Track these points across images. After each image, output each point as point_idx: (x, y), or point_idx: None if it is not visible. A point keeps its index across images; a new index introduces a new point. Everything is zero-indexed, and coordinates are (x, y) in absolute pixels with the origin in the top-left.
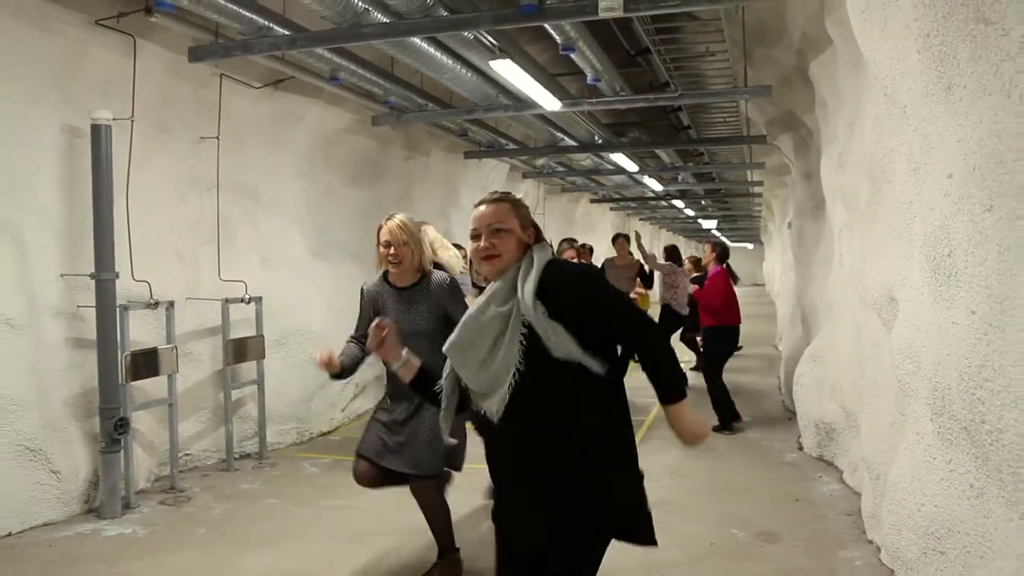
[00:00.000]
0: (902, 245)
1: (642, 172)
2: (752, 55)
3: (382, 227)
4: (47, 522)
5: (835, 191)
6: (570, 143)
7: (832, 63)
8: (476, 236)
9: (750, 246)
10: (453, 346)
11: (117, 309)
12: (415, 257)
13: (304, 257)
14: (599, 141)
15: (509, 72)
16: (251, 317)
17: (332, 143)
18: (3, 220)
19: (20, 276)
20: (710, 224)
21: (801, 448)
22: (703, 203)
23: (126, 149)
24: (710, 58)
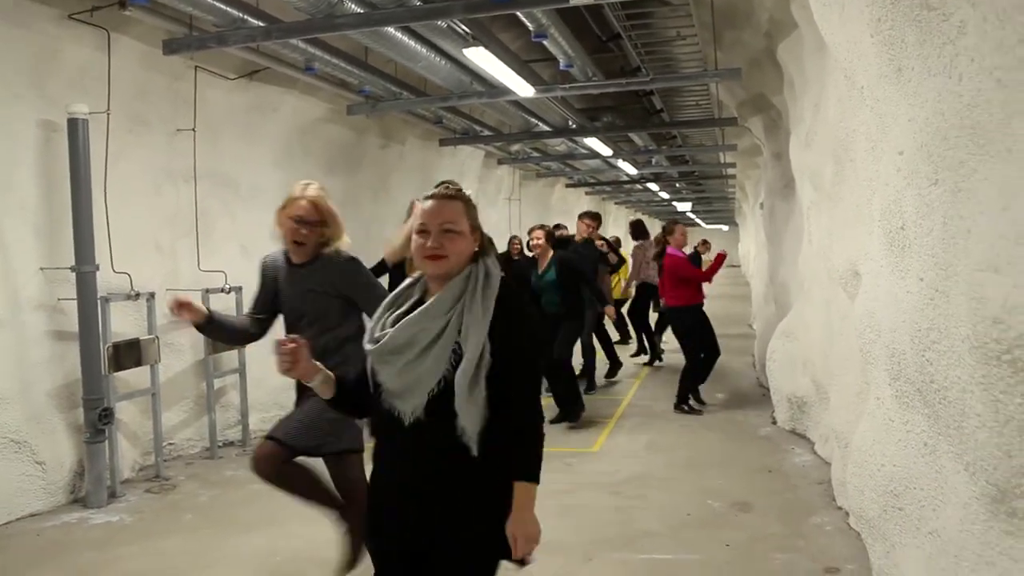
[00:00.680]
0: (864, 221)
1: (616, 156)
2: (722, 38)
3: (293, 197)
4: (34, 512)
5: (803, 170)
6: (544, 128)
7: (799, 46)
8: (423, 232)
9: (725, 228)
10: (383, 348)
11: (98, 301)
12: (328, 240)
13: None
14: (573, 126)
15: (482, 59)
16: (232, 306)
17: (308, 133)
18: None
19: (0, 271)
20: (685, 207)
21: (775, 423)
22: (677, 186)
23: (103, 143)
24: (680, 42)
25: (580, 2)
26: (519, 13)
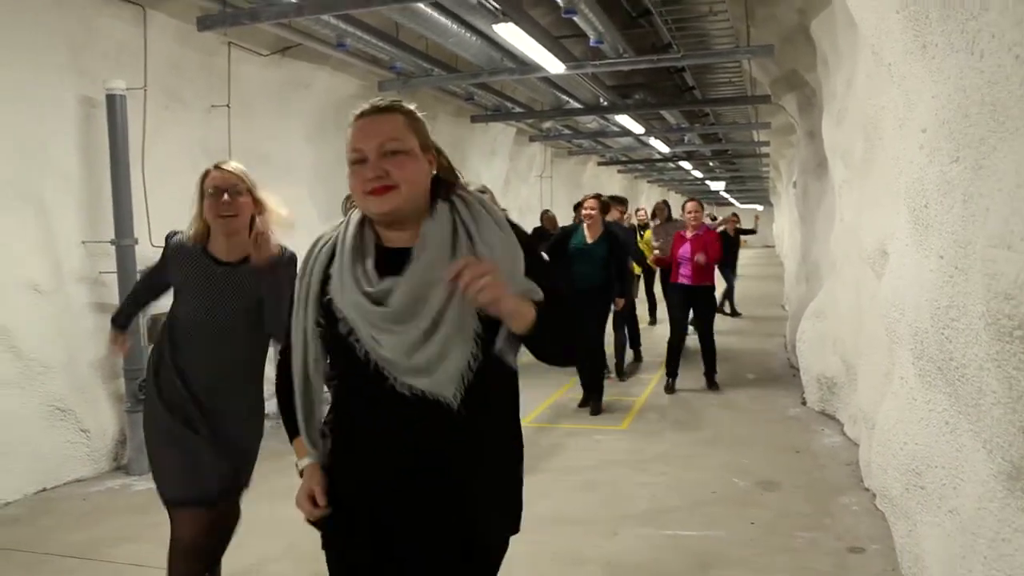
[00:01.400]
0: (892, 200)
1: (648, 134)
2: (754, 14)
3: (208, 174)
4: (79, 478)
5: (835, 148)
6: (575, 106)
7: (832, 21)
8: (358, 161)
9: (760, 207)
10: (389, 314)
11: (137, 274)
12: (257, 218)
13: (315, 221)
14: (604, 103)
15: (512, 35)
16: None
17: (340, 109)
18: (27, 188)
19: (45, 243)
20: (718, 186)
21: (804, 403)
22: (711, 164)
23: (140, 118)
24: (712, 18)
25: None
26: None
